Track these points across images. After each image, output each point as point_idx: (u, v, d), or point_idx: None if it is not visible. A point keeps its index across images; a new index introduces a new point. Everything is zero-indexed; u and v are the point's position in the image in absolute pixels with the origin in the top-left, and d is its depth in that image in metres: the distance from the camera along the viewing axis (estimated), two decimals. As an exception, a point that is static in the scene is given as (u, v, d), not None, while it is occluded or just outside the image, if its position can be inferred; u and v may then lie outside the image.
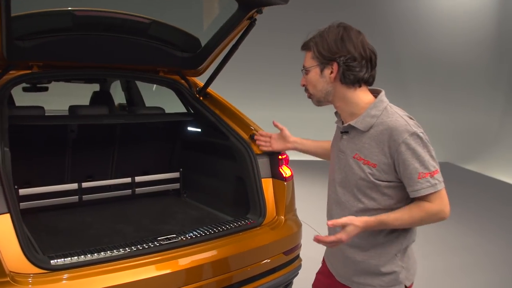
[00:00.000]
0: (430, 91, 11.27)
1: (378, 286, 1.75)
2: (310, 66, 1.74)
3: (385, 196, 1.68)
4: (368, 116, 1.69)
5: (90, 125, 3.38)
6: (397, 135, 1.61)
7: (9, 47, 2.48)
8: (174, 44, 3.16)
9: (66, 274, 2.03)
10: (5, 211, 1.99)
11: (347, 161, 1.75)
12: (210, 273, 2.38)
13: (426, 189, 1.60)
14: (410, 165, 1.59)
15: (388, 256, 1.74)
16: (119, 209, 3.37)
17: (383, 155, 1.64)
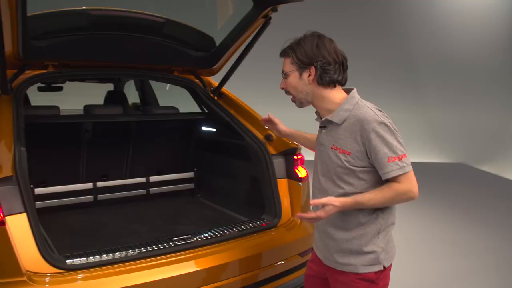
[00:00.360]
0: (445, 92, 11.15)
1: (360, 265, 1.91)
2: (290, 71, 1.94)
3: (361, 181, 1.86)
4: (341, 110, 1.89)
5: (105, 124, 3.38)
6: (367, 125, 1.80)
7: (25, 46, 2.48)
8: (189, 43, 3.15)
9: (82, 274, 2.03)
10: (21, 211, 2.00)
11: (326, 152, 1.95)
12: (226, 275, 2.36)
13: (396, 171, 1.78)
14: (380, 151, 1.78)
15: (369, 236, 1.90)
16: (133, 209, 3.37)
17: (356, 143, 1.83)
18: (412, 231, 5.41)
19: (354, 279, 1.92)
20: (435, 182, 8.42)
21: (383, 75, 10.99)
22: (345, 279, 1.94)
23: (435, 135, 10.96)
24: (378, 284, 1.93)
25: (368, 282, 1.91)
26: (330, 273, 2.02)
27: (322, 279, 2.09)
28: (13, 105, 2.45)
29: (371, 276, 1.91)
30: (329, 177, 1.94)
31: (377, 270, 1.91)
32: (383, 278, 1.94)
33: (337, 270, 1.97)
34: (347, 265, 1.93)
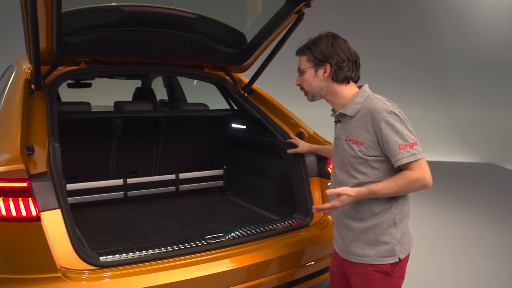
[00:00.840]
0: (473, 91, 10.94)
1: (375, 257, 1.95)
2: (306, 68, 2.05)
3: (374, 170, 1.93)
4: (354, 104, 1.99)
5: (135, 121, 3.39)
6: (377, 114, 1.89)
7: (59, 42, 2.48)
8: (220, 40, 3.12)
9: (115, 272, 2.02)
10: (56, 207, 2.00)
11: (341, 145, 2.03)
12: (258, 274, 2.33)
13: (407, 158, 1.83)
14: (391, 139, 1.85)
15: (384, 226, 1.95)
16: (163, 206, 3.36)
17: (367, 133, 1.91)
18: (445, 231, 5.34)
19: (369, 271, 1.97)
20: (464, 182, 8.29)
21: (411, 75, 10.87)
22: (361, 271, 1.99)
23: (463, 134, 10.77)
24: (394, 276, 1.97)
25: (384, 274, 1.96)
26: (346, 265, 2.08)
27: (343, 274, 2.14)
28: (47, 101, 2.46)
29: (386, 268, 1.95)
30: (344, 169, 2.03)
31: (392, 262, 1.96)
32: (398, 270, 1.98)
33: (352, 262, 2.02)
34: (362, 257, 1.98)
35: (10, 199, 1.88)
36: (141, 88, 4.19)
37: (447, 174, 8.74)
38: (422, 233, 5.19)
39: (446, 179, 8.12)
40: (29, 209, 1.89)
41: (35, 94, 2.51)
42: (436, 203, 6.46)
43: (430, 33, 10.83)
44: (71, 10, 2.43)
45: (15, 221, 1.87)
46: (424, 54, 10.85)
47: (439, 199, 6.69)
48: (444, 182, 7.91)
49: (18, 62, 2.95)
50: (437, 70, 11.00)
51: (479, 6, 10.87)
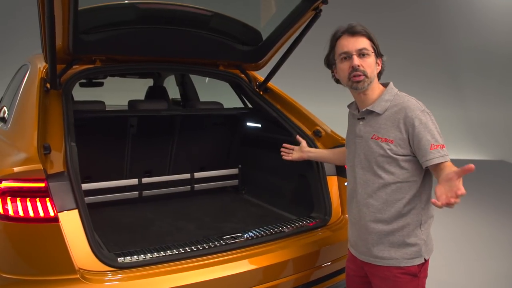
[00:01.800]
0: (484, 88, 10.82)
1: (402, 259, 1.89)
2: (370, 52, 1.93)
3: (402, 170, 1.86)
4: (382, 101, 1.93)
5: (150, 120, 3.36)
6: (410, 112, 1.84)
7: (75, 41, 2.46)
8: (235, 37, 3.08)
9: (133, 273, 2.00)
10: (73, 207, 1.97)
11: (365, 144, 1.94)
12: (277, 274, 2.29)
13: (438, 158, 1.77)
14: (423, 138, 1.79)
15: (411, 227, 1.89)
16: (179, 206, 3.34)
17: (398, 131, 1.85)
18: (456, 230, 5.28)
19: (396, 273, 1.90)
20: (476, 180, 8.16)
21: (421, 73, 10.79)
22: (387, 274, 1.92)
23: (474, 131, 10.69)
24: (420, 277, 1.93)
25: (411, 275, 1.90)
26: (368, 269, 2.00)
27: (360, 277, 2.08)
28: (63, 100, 2.44)
29: (413, 269, 1.90)
30: (368, 169, 1.94)
31: (419, 263, 1.91)
32: (424, 271, 1.94)
33: (376, 265, 1.95)
34: (388, 259, 1.91)
35: (27, 200, 1.86)
36: (154, 86, 4.16)
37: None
38: (433, 231, 5.14)
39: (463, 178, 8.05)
40: (47, 210, 1.87)
41: (51, 93, 2.49)
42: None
43: (440, 31, 10.74)
44: (87, 8, 2.41)
45: (33, 222, 1.85)
46: (434, 52, 10.76)
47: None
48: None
49: (33, 61, 2.92)
50: (447, 67, 10.91)
51: (490, 3, 10.76)
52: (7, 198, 1.84)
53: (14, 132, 2.36)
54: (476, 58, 10.79)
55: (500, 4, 10.63)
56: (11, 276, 1.84)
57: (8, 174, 1.87)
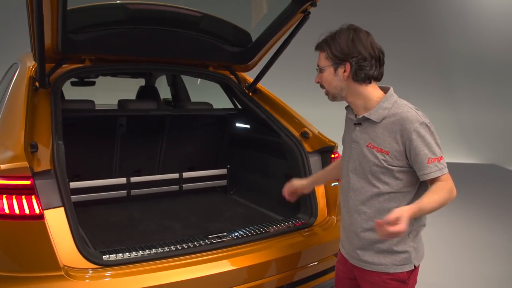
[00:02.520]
0: (475, 91, 10.89)
1: (391, 265, 1.89)
2: (325, 66, 1.89)
3: (397, 180, 1.84)
4: (380, 109, 1.85)
5: (139, 119, 3.38)
6: (408, 124, 1.78)
7: (64, 40, 2.48)
8: (225, 38, 3.11)
9: (118, 270, 2.02)
10: (59, 205, 1.99)
11: (360, 150, 1.90)
12: (261, 274, 2.31)
13: (435, 173, 1.77)
14: (421, 152, 1.76)
15: (402, 235, 1.83)
16: (166, 205, 3.36)
17: (395, 143, 1.80)
18: (447, 233, 5.32)
19: (386, 279, 1.90)
20: (467, 183, 8.24)
21: (413, 75, 10.83)
22: (376, 279, 1.92)
23: (466, 135, 10.75)
24: (408, 284, 1.93)
25: (400, 282, 1.90)
26: (358, 273, 2.00)
27: (350, 280, 2.07)
28: (51, 99, 2.45)
29: (403, 276, 1.90)
30: (363, 176, 1.90)
31: (408, 269, 1.91)
32: (413, 277, 1.94)
33: (365, 270, 1.94)
34: (378, 265, 1.91)
35: (13, 197, 1.88)
36: (145, 86, 4.18)
37: (452, 176, 8.70)
38: (424, 234, 5.17)
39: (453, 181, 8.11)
40: (33, 207, 1.89)
41: (39, 91, 2.50)
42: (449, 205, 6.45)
43: (433, 33, 10.80)
44: (76, 7, 2.43)
45: (18, 219, 1.87)
46: (427, 54, 10.83)
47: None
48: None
49: (23, 60, 2.94)
50: (440, 70, 10.97)
51: (483, 7, 10.84)
52: (-7, 196, 1.85)
53: (2, 130, 2.37)
54: (468, 60, 10.86)
55: (493, 8, 10.72)
56: (-5, 273, 1.85)
57: (-6, 171, 1.88)
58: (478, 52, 10.76)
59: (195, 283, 2.09)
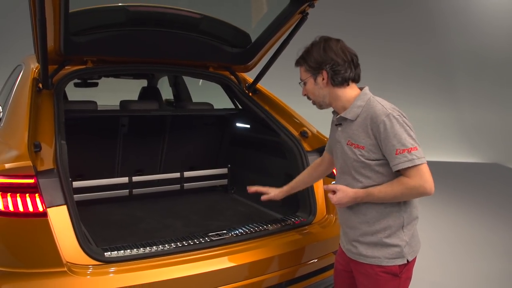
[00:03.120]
0: (478, 90, 10.89)
1: (384, 258, 1.96)
2: (306, 78, 2.06)
3: (378, 174, 1.93)
4: (354, 107, 1.98)
5: (141, 120, 3.43)
6: (376, 118, 1.89)
7: (66, 42, 2.53)
8: (225, 40, 3.16)
9: (119, 267, 2.06)
10: (62, 203, 2.04)
11: (342, 149, 2.04)
12: (260, 271, 2.36)
13: (404, 163, 1.82)
14: (389, 143, 1.85)
15: (393, 229, 1.96)
16: (168, 204, 3.41)
17: (368, 137, 1.91)
18: (448, 231, 5.35)
19: (378, 271, 1.97)
20: (469, 182, 8.28)
21: (415, 75, 10.86)
22: (369, 272, 1.99)
23: (468, 134, 10.75)
24: (401, 278, 1.98)
25: (391, 275, 1.96)
26: (353, 265, 2.08)
27: (348, 272, 2.15)
28: (54, 100, 2.51)
29: (394, 269, 1.96)
30: (347, 173, 2.02)
31: (401, 263, 1.96)
32: (406, 272, 1.99)
33: (360, 262, 2.02)
34: (371, 258, 1.98)
35: (17, 195, 1.93)
36: (147, 87, 4.24)
37: (452, 175, 8.74)
38: (426, 233, 5.19)
39: (451, 180, 8.13)
40: (36, 205, 1.94)
41: (43, 92, 2.56)
42: (441, 203, 6.47)
43: (435, 33, 10.81)
44: (78, 10, 2.48)
45: (22, 216, 1.92)
46: (429, 54, 10.83)
47: (444, 199, 6.70)
48: (449, 182, 7.90)
49: (26, 62, 3.00)
50: (441, 70, 10.97)
51: (484, 6, 10.84)
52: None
53: (7, 130, 2.43)
54: (470, 60, 10.85)
55: (494, 7, 10.72)
56: (0, 269, 1.90)
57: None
58: (480, 51, 10.75)
59: (195, 280, 2.14)
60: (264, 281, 2.35)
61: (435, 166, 1.87)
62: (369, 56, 10.40)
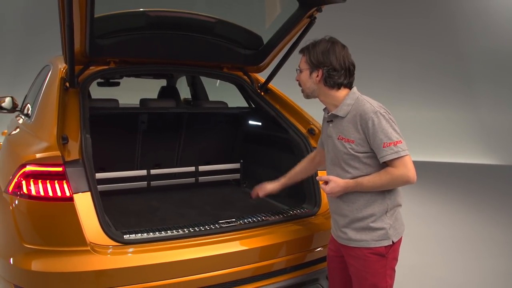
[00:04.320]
0: (497, 91, 10.86)
1: (371, 241, 2.16)
2: (303, 69, 2.25)
3: (365, 165, 2.13)
4: (344, 105, 2.18)
5: (159, 117, 3.65)
6: (365, 115, 2.08)
7: (91, 45, 2.77)
8: (238, 42, 3.36)
9: (137, 248, 2.28)
10: (86, 190, 2.26)
11: (333, 143, 2.23)
12: (266, 256, 2.54)
13: (390, 155, 2.02)
14: (377, 137, 2.04)
15: (378, 214, 2.16)
16: (183, 196, 3.61)
17: (357, 132, 2.11)
18: (456, 231, 5.43)
19: (366, 253, 2.17)
20: (487, 184, 8.28)
21: (434, 76, 10.87)
22: (358, 254, 2.20)
23: (487, 136, 10.71)
24: (388, 258, 2.18)
25: (379, 255, 2.17)
26: (344, 250, 2.29)
27: (340, 257, 2.36)
28: (80, 98, 2.74)
29: (381, 250, 2.16)
30: (338, 164, 2.22)
31: (387, 244, 2.17)
32: (392, 252, 2.20)
33: (350, 246, 2.23)
34: (359, 241, 2.18)
35: (47, 182, 2.16)
36: (166, 87, 4.46)
37: (468, 176, 8.78)
38: (435, 231, 5.31)
39: (468, 181, 8.18)
40: (64, 191, 2.16)
41: (69, 91, 2.79)
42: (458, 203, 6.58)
43: (453, 33, 10.82)
44: (102, 15, 2.71)
45: (52, 200, 2.15)
46: (447, 55, 10.83)
47: (460, 199, 6.80)
48: (463, 183, 7.98)
49: (54, 62, 3.24)
50: (460, 70, 10.96)
51: (504, 7, 10.79)
52: (30, 180, 2.14)
53: (37, 124, 2.68)
54: (489, 61, 10.82)
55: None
56: (32, 246, 2.14)
57: (31, 159, 2.18)
58: (499, 53, 10.72)
59: (205, 261, 2.34)
60: (268, 265, 2.53)
61: (453, 168, 2.05)
62: (387, 59, 10.54)
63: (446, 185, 8.02)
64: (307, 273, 2.71)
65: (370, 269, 2.17)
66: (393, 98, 9.58)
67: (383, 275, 2.17)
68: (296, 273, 2.68)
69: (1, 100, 3.93)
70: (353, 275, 2.26)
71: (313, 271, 2.74)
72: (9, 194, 2.20)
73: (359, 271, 2.21)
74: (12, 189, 2.19)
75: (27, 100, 3.83)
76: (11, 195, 2.19)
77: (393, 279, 2.24)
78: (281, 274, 2.62)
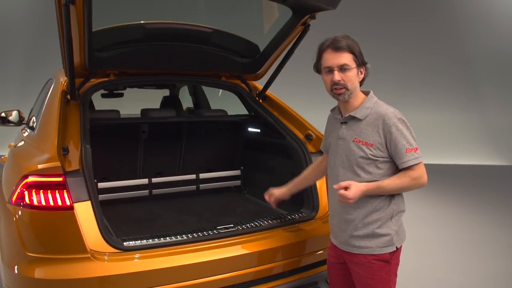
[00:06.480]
0: (503, 92, 10.82)
1: (376, 247, 2.16)
2: (352, 66, 2.13)
3: (379, 170, 2.13)
4: (364, 108, 2.17)
5: (160, 126, 3.72)
6: (388, 120, 2.09)
7: (90, 58, 2.85)
8: (235, 51, 3.43)
9: (135, 254, 2.34)
10: (86, 199, 2.32)
11: (347, 145, 2.19)
12: (264, 260, 2.59)
13: (412, 161, 2.07)
14: (399, 143, 2.07)
15: (383, 220, 2.16)
16: (184, 203, 3.67)
17: (378, 136, 2.10)
18: (458, 232, 5.43)
19: (371, 260, 2.17)
20: (492, 185, 8.25)
21: (440, 77, 10.85)
22: (362, 261, 2.19)
23: (493, 136, 10.67)
24: (391, 264, 2.19)
25: (383, 262, 2.17)
26: (346, 256, 2.27)
27: (340, 264, 2.35)
28: (80, 109, 2.82)
29: (386, 256, 2.17)
30: (349, 168, 2.18)
31: (391, 251, 2.18)
32: (395, 258, 2.21)
33: (354, 253, 2.22)
34: (364, 248, 2.18)
35: (48, 191, 2.22)
36: (168, 96, 4.54)
37: (475, 177, 8.75)
38: (436, 232, 5.31)
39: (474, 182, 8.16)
40: (64, 200, 2.23)
41: (71, 103, 2.87)
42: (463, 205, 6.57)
43: (458, 35, 10.80)
44: (100, 29, 2.79)
45: (53, 209, 2.21)
46: (453, 56, 10.82)
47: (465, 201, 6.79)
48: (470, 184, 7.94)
49: (56, 76, 3.33)
50: (467, 71, 10.93)
51: (509, 8, 10.78)
52: (32, 191, 2.21)
53: (39, 136, 2.75)
54: (494, 63, 10.79)
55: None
56: (34, 255, 2.20)
57: (33, 170, 2.25)
58: (505, 53, 10.69)
59: (203, 266, 2.39)
60: (267, 270, 2.58)
61: (460, 169, 2.09)
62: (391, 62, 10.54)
63: (451, 187, 7.99)
64: (306, 277, 2.75)
65: (375, 276, 2.17)
66: (398, 101, 9.54)
67: (387, 281, 2.18)
68: (295, 277, 2.71)
69: (8, 114, 4.02)
70: (357, 281, 2.25)
71: (312, 274, 2.78)
72: (12, 205, 2.28)
73: (364, 278, 2.20)
74: (15, 199, 2.26)
75: (32, 113, 3.93)
76: (14, 205, 2.26)
77: (395, 284, 2.25)
78: (280, 278, 2.66)
